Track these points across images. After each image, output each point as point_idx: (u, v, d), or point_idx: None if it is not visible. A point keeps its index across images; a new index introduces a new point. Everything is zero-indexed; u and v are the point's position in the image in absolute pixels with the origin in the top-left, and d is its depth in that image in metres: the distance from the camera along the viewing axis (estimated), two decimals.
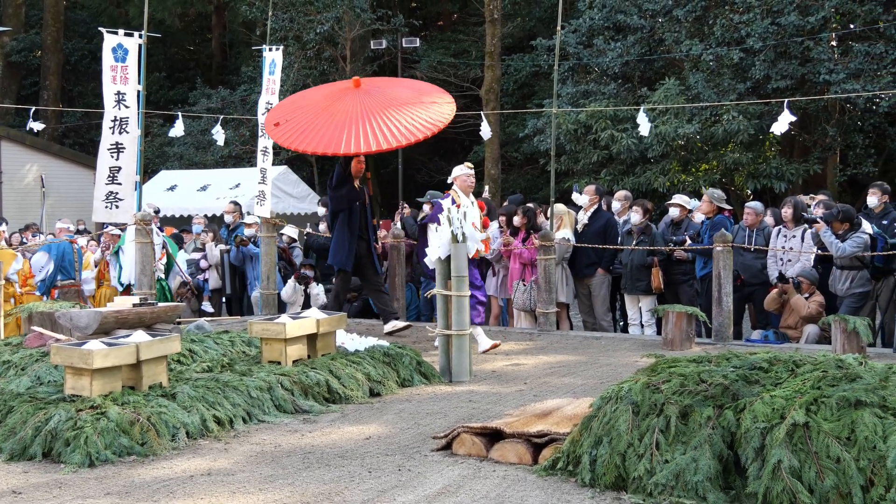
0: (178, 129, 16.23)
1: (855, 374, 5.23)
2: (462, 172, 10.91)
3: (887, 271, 10.96)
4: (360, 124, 10.84)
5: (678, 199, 12.92)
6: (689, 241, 12.05)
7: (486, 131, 15.10)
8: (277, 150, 19.56)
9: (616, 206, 13.41)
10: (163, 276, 13.61)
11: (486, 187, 18.54)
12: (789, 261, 11.72)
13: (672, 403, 5.35)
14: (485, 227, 10.90)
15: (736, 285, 11.65)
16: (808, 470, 4.74)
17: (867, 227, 11.03)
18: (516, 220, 12.91)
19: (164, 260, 13.70)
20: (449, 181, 11.13)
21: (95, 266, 14.34)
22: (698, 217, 12.90)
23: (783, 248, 11.74)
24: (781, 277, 11.40)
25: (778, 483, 4.74)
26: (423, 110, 11.25)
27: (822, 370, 5.36)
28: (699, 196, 14.56)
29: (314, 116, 11.25)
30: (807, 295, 11.19)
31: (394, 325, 11.70)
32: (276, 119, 11.62)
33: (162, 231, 14.10)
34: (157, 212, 14.21)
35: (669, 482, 5.00)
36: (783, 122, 12.88)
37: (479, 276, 11.38)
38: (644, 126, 14.11)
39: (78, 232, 18.32)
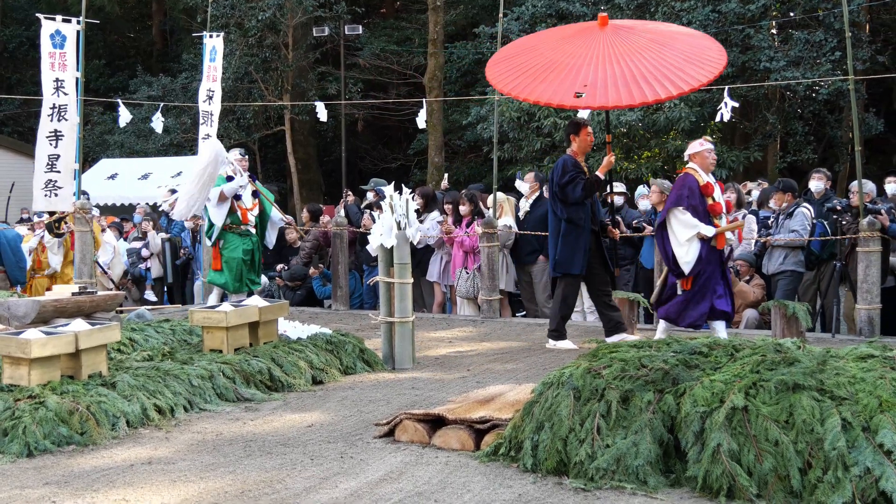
0: (124, 117, 15.97)
1: (793, 358, 5.29)
2: (703, 148, 9.49)
3: (827, 257, 11.12)
4: (655, 71, 9.64)
5: (618, 186, 13.01)
6: (648, 228, 12.10)
7: (421, 120, 15.10)
8: (220, 138, 19.34)
9: None
10: (252, 230, 12.43)
11: (446, 176, 18.42)
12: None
13: (613, 388, 5.38)
14: (728, 209, 9.72)
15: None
16: (747, 453, 4.79)
17: (808, 212, 11.20)
18: (462, 209, 12.93)
19: (255, 211, 12.54)
20: (685, 157, 9.80)
21: (30, 254, 14.10)
22: (643, 204, 13.02)
23: None
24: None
25: (717, 466, 4.79)
26: (690, 53, 9.96)
27: (761, 354, 5.42)
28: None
29: (606, 69, 9.88)
30: (746, 278, 11.31)
31: (622, 337, 9.41)
32: (574, 88, 9.86)
33: (255, 179, 12.91)
34: (244, 154, 12.86)
35: (610, 467, 5.03)
36: (727, 110, 13.05)
37: (720, 276, 9.46)
38: (582, 111, 14.14)
39: (21, 221, 18.05)
